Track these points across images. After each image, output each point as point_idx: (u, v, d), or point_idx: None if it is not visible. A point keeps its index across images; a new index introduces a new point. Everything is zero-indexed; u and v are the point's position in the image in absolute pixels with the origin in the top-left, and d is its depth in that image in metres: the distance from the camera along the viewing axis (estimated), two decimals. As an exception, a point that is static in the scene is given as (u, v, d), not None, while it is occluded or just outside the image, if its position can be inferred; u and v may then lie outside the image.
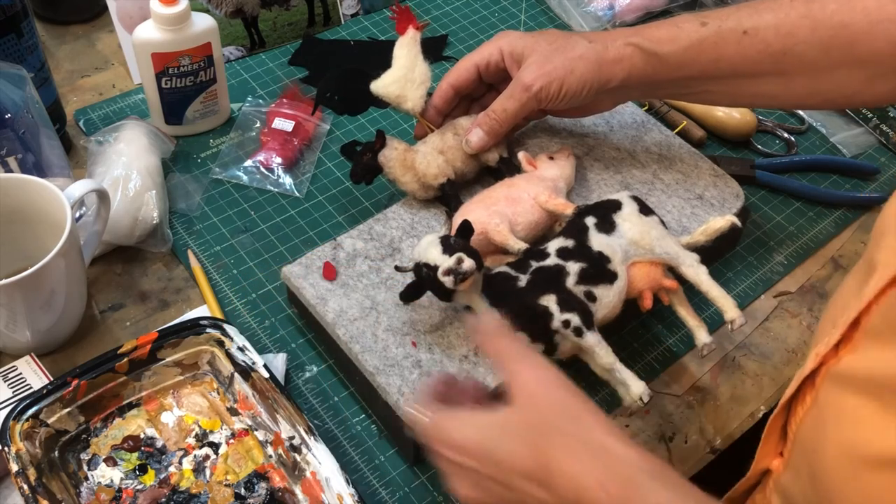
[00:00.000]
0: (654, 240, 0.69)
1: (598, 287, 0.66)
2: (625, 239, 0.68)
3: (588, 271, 0.66)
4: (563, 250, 0.68)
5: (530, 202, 0.74)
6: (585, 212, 0.71)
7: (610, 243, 0.68)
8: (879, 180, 0.96)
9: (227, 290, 0.79)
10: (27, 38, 0.81)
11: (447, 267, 0.62)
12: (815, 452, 0.53)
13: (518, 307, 0.65)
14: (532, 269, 0.67)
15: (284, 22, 1.03)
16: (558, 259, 0.67)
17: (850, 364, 0.52)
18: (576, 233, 0.69)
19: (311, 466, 0.65)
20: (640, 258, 0.69)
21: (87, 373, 0.66)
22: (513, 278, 0.66)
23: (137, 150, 0.82)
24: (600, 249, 0.67)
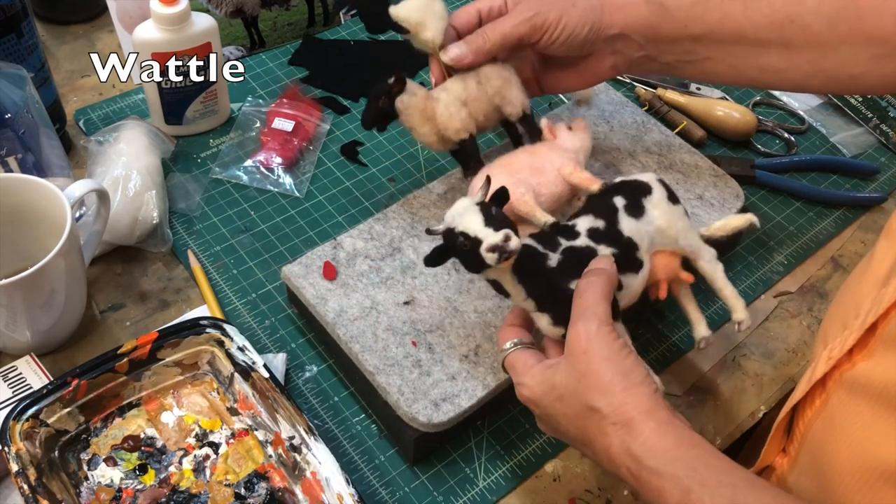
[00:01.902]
0: (680, 231, 0.67)
1: (626, 275, 0.64)
2: (652, 226, 0.66)
3: (619, 258, 0.63)
4: (594, 231, 0.64)
5: (554, 173, 0.71)
6: (614, 190, 0.67)
7: (639, 229, 0.65)
8: (879, 180, 0.96)
9: (227, 290, 0.79)
10: (27, 38, 0.81)
11: (493, 243, 0.58)
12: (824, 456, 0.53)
13: (548, 288, 0.62)
14: (562, 247, 0.63)
15: (284, 22, 1.03)
16: (589, 240, 0.64)
17: (865, 371, 0.51)
18: (606, 213, 0.66)
19: (311, 466, 0.65)
20: (662, 247, 0.67)
21: (87, 373, 0.66)
22: (542, 255, 0.62)
23: (137, 150, 0.82)
24: (630, 235, 0.65)
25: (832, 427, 0.53)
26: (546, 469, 0.70)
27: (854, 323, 0.53)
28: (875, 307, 0.51)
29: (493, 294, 0.72)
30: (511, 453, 0.71)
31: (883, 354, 0.50)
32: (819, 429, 0.55)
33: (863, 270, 0.58)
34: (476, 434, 0.72)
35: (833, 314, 0.59)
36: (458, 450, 0.71)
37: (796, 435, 0.58)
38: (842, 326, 0.55)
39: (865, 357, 0.52)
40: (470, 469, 0.70)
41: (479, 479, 0.69)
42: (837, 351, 0.54)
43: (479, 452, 0.71)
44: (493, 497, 0.68)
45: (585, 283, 0.58)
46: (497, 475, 0.70)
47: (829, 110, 1.03)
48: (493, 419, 0.73)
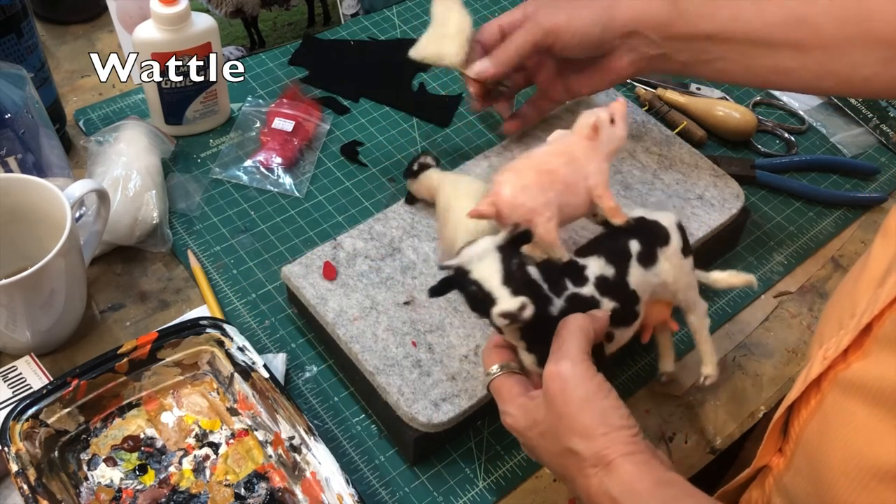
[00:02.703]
0: (683, 287, 0.66)
1: (620, 329, 0.63)
2: (658, 279, 0.64)
3: (618, 313, 0.62)
4: (602, 281, 0.62)
5: (584, 191, 0.64)
6: (633, 231, 0.64)
7: (645, 280, 0.64)
8: (879, 180, 0.96)
9: (227, 290, 0.79)
10: (27, 38, 0.81)
11: (508, 311, 0.56)
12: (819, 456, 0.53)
13: (545, 336, 0.59)
14: (568, 294, 0.60)
15: (284, 22, 1.03)
16: (596, 291, 0.62)
17: (860, 371, 0.51)
18: (618, 258, 0.63)
19: (311, 466, 0.65)
20: (660, 298, 0.67)
21: (87, 373, 0.66)
22: (545, 298, 0.59)
23: (137, 150, 0.82)
24: (636, 288, 0.63)
25: (827, 427, 0.53)
26: (546, 469, 0.70)
27: (850, 323, 0.53)
28: (870, 307, 0.51)
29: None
30: (511, 453, 0.71)
31: (877, 354, 0.50)
32: (814, 429, 0.55)
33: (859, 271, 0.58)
34: (476, 434, 0.72)
35: (829, 314, 0.59)
36: (458, 450, 0.71)
37: (791, 435, 0.58)
38: (837, 326, 0.55)
39: (860, 357, 0.52)
40: (470, 469, 0.70)
41: (479, 479, 0.69)
42: (833, 351, 0.54)
43: (479, 452, 0.71)
44: (493, 497, 0.68)
45: (563, 323, 0.58)
46: (497, 475, 0.70)
47: (829, 110, 1.03)
48: (493, 419, 0.72)
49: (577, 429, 0.54)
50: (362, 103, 0.98)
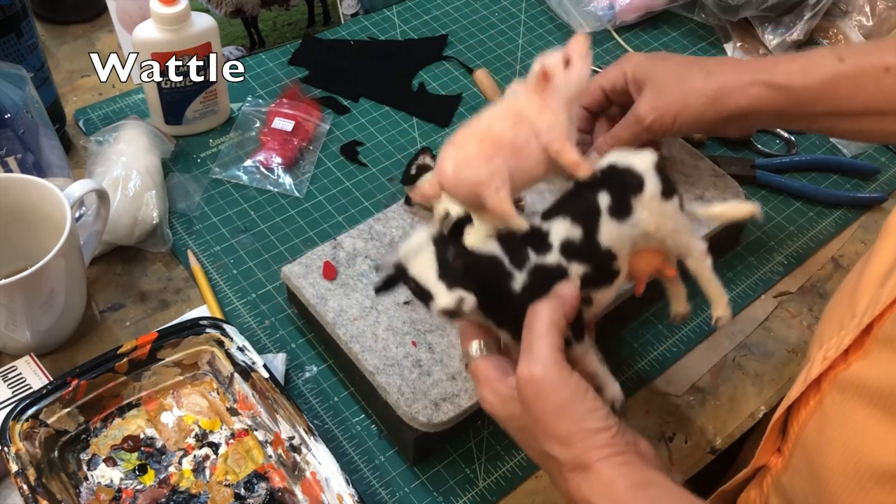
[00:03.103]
0: (669, 233, 0.60)
1: (598, 290, 0.59)
2: (637, 229, 0.59)
3: (591, 276, 0.58)
4: (568, 246, 0.57)
5: (537, 151, 0.58)
6: (600, 182, 0.59)
7: (620, 234, 0.58)
8: (879, 180, 0.96)
9: (226, 290, 0.79)
10: (27, 38, 0.81)
11: (445, 308, 0.54)
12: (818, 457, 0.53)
13: (511, 316, 0.56)
14: (531, 265, 0.56)
15: (284, 22, 1.03)
16: (561, 257, 0.57)
17: (859, 371, 0.51)
18: (585, 216, 0.58)
19: (310, 466, 0.65)
20: (646, 248, 0.61)
21: (86, 373, 0.66)
22: (506, 274, 0.56)
23: (137, 150, 0.82)
24: (609, 246, 0.58)
25: (826, 427, 0.53)
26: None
27: (850, 323, 0.53)
28: (871, 307, 0.51)
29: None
30: (511, 453, 0.71)
31: (877, 355, 0.50)
32: (813, 429, 0.55)
33: (860, 270, 0.58)
34: (476, 434, 0.72)
35: (829, 314, 0.59)
36: (458, 450, 0.71)
37: (790, 435, 0.58)
38: (838, 326, 0.55)
39: (860, 357, 0.52)
40: (470, 469, 0.70)
41: (479, 480, 0.69)
42: (833, 351, 0.53)
43: (479, 452, 0.71)
44: (493, 497, 0.68)
45: (532, 315, 0.55)
46: (497, 475, 0.70)
47: None
48: (493, 419, 0.72)
49: (553, 435, 0.53)
50: (362, 103, 0.98)
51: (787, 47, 1.04)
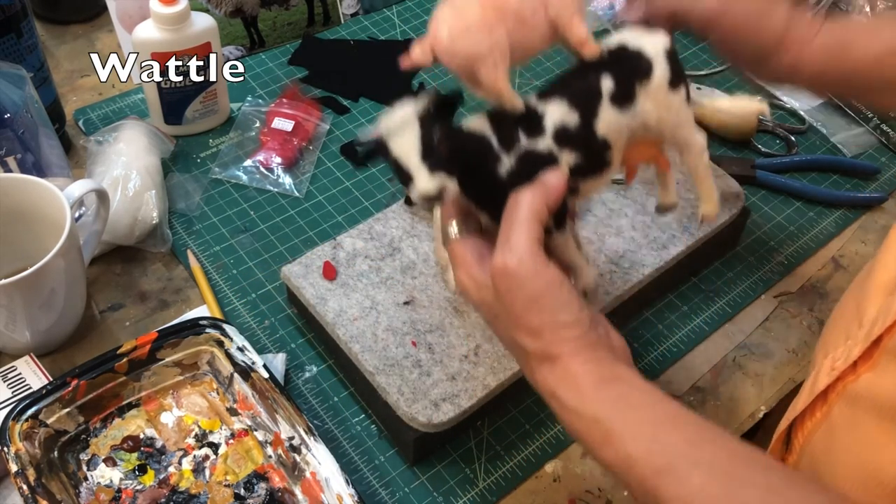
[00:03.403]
0: (670, 127, 0.57)
1: (587, 179, 0.56)
2: (638, 120, 0.55)
3: (582, 165, 0.54)
4: (562, 132, 0.54)
5: (544, 24, 0.54)
6: (606, 64, 0.55)
7: (619, 124, 0.55)
8: (879, 180, 0.96)
9: (226, 290, 0.79)
10: (27, 37, 0.81)
11: (425, 193, 0.51)
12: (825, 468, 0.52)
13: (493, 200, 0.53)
14: (520, 150, 0.53)
15: (284, 22, 1.03)
16: (553, 144, 0.54)
17: (869, 384, 0.50)
18: (585, 101, 0.54)
19: (310, 466, 0.65)
20: (643, 139, 0.58)
21: (86, 373, 0.66)
22: (493, 156, 0.53)
23: (137, 150, 0.82)
24: (605, 135, 0.54)
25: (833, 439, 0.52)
26: (546, 469, 0.70)
27: (858, 333, 0.52)
28: (882, 318, 0.50)
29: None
30: (511, 453, 0.71)
31: (888, 367, 0.49)
32: (819, 441, 0.54)
33: (865, 277, 0.57)
34: (476, 434, 0.72)
35: (835, 322, 0.58)
36: (458, 450, 0.71)
37: (794, 446, 0.58)
38: (844, 335, 0.54)
39: (869, 368, 0.51)
40: (470, 469, 0.70)
41: (479, 480, 0.69)
42: (841, 362, 0.53)
43: (479, 452, 0.71)
44: (493, 497, 0.68)
45: (513, 203, 0.53)
46: (497, 475, 0.70)
47: (829, 110, 1.02)
48: (493, 419, 0.72)
49: (523, 326, 0.52)
50: (362, 103, 0.98)
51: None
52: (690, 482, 0.45)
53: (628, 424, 0.49)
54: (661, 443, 0.47)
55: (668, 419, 0.49)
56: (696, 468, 0.46)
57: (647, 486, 0.47)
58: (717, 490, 0.45)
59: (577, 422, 0.50)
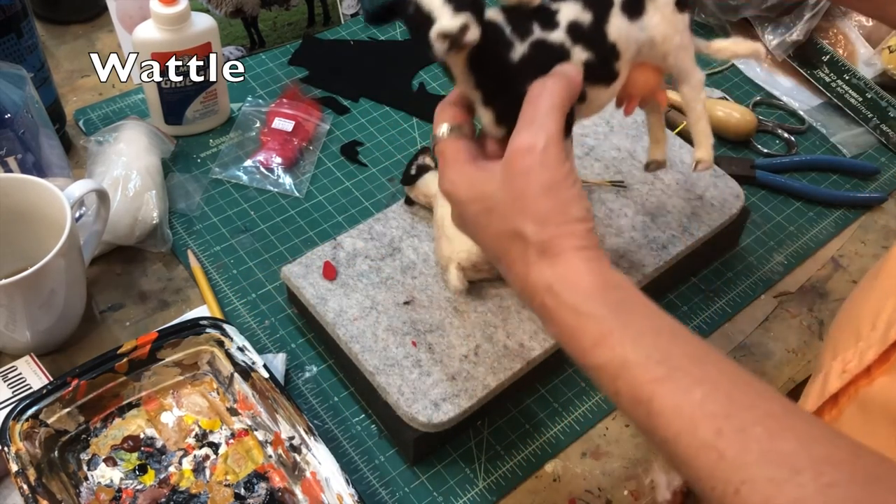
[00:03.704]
0: (674, 48, 0.58)
1: (595, 87, 0.56)
2: (645, 34, 0.57)
3: (592, 67, 0.55)
4: (575, 27, 0.54)
5: None
6: None
7: (628, 34, 0.56)
8: (879, 180, 0.96)
9: (226, 290, 0.79)
10: (27, 38, 0.81)
11: (446, 30, 0.49)
12: None
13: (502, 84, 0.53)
14: (533, 38, 0.53)
15: (284, 22, 1.03)
16: (567, 37, 0.54)
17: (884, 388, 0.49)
18: (597, 4, 0.55)
19: (310, 466, 0.65)
20: (647, 60, 0.59)
21: (86, 373, 0.66)
22: (506, 43, 0.53)
23: (137, 150, 0.82)
24: (615, 41, 0.55)
25: None
26: (546, 469, 0.70)
27: (871, 335, 0.51)
28: None
29: (494, 294, 0.72)
30: (511, 453, 0.71)
31: None
32: None
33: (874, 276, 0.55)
34: (476, 434, 0.72)
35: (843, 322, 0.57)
36: (458, 450, 0.71)
37: None
38: (854, 337, 0.52)
39: (885, 372, 0.49)
40: (470, 469, 0.70)
41: (479, 480, 0.69)
42: (854, 365, 0.51)
43: (479, 452, 0.71)
44: (493, 497, 0.68)
45: (540, 88, 0.51)
46: (497, 475, 0.70)
47: (829, 110, 1.03)
48: (493, 419, 0.73)
49: (531, 213, 0.50)
50: (362, 103, 0.98)
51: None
52: (691, 395, 0.44)
53: (629, 329, 0.47)
54: (662, 353, 0.46)
55: (671, 333, 0.48)
56: (697, 384, 0.45)
57: (641, 392, 0.45)
58: (716, 408, 0.43)
59: (572, 319, 0.48)
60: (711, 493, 0.43)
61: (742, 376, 0.46)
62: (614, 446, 0.72)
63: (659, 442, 0.45)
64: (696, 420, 0.43)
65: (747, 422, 0.43)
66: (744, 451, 0.42)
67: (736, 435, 0.42)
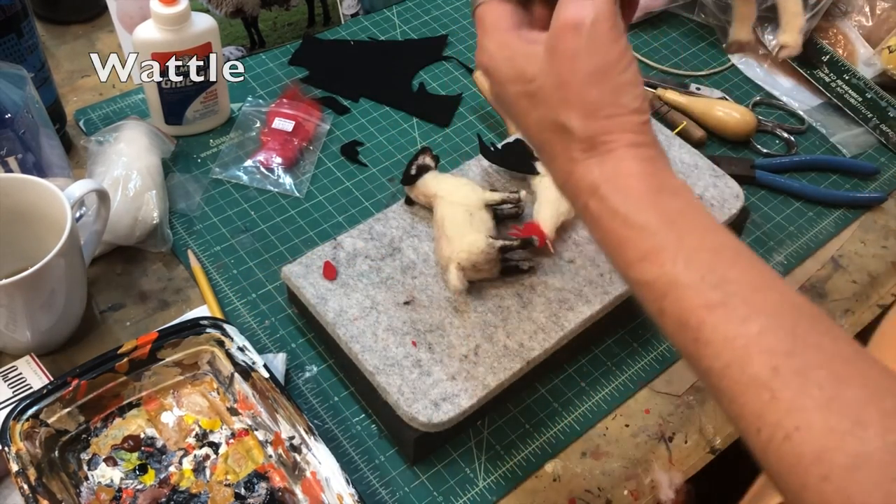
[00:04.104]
0: None
1: None
2: None
3: None
4: None
5: None
6: None
7: None
8: (879, 180, 0.96)
9: (227, 290, 0.79)
10: (27, 38, 0.81)
11: None
12: None
13: None
14: None
15: (284, 22, 1.03)
16: None
17: None
18: None
19: (311, 466, 0.65)
20: None
21: (87, 373, 0.66)
22: None
23: (137, 150, 0.82)
24: None
25: None
26: (546, 469, 0.71)
27: None
28: None
29: (494, 294, 0.72)
30: (511, 453, 0.71)
31: None
32: None
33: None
34: (476, 434, 0.72)
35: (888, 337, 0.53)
36: (458, 450, 0.71)
37: None
38: None
39: None
40: (470, 469, 0.70)
41: (479, 479, 0.69)
42: None
43: (479, 452, 0.71)
44: (493, 497, 0.68)
45: None
46: (497, 475, 0.70)
47: (829, 110, 1.03)
48: (493, 419, 0.73)
49: (577, 103, 0.44)
50: (362, 103, 0.98)
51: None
52: (747, 327, 0.39)
53: (684, 245, 0.42)
54: (719, 276, 0.41)
55: (732, 253, 0.42)
56: (756, 315, 0.40)
57: (690, 317, 0.41)
58: (775, 344, 0.39)
59: (619, 228, 0.43)
60: (756, 434, 0.39)
61: (809, 311, 0.41)
62: (614, 446, 0.72)
63: (702, 371, 0.41)
64: (750, 354, 0.39)
65: (810, 363, 0.38)
66: (802, 394, 0.38)
67: (795, 376, 0.38)
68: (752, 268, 0.42)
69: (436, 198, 0.75)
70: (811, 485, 0.37)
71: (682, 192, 0.44)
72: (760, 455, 0.39)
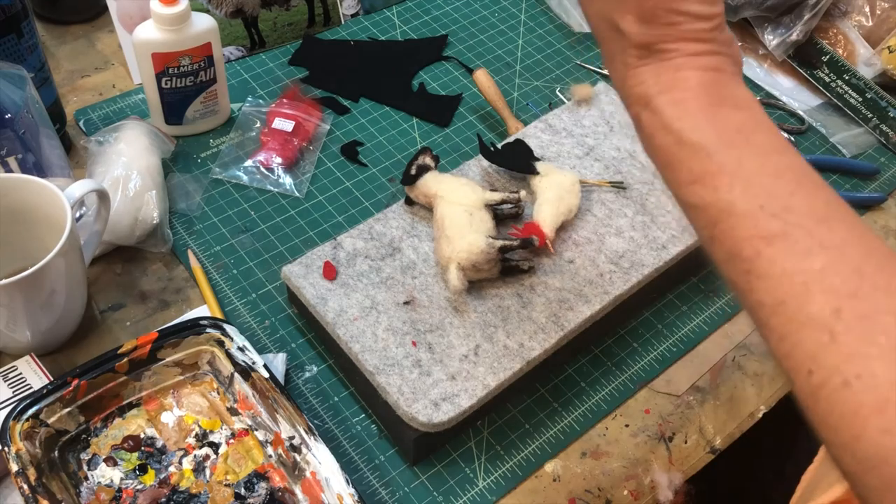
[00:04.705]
0: None
1: None
2: None
3: None
4: None
5: None
6: None
7: None
8: (879, 180, 0.96)
9: (227, 290, 0.79)
10: (27, 38, 0.81)
11: None
12: None
13: None
14: None
15: (284, 22, 1.03)
16: None
17: None
18: None
19: (311, 466, 0.65)
20: None
21: (87, 373, 0.66)
22: None
23: (137, 150, 0.82)
24: None
25: None
26: (546, 469, 0.71)
27: None
28: None
29: (494, 294, 0.72)
30: (511, 453, 0.71)
31: None
32: None
33: None
34: (476, 434, 0.72)
35: None
36: (458, 450, 0.71)
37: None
38: None
39: None
40: (470, 469, 0.70)
41: (479, 479, 0.69)
42: None
43: (479, 452, 0.71)
44: (493, 497, 0.68)
45: None
46: (497, 475, 0.70)
47: (829, 110, 1.03)
48: (493, 419, 0.73)
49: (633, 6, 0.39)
50: (362, 103, 0.98)
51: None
52: (808, 262, 0.36)
53: (743, 166, 0.38)
54: (780, 204, 0.37)
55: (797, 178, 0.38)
56: (820, 249, 0.36)
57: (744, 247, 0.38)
58: (840, 283, 0.35)
59: (672, 145, 0.39)
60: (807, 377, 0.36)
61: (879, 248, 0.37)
62: (614, 446, 0.72)
63: (751, 304, 0.38)
64: (809, 292, 0.36)
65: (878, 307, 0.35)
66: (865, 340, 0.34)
67: (859, 319, 0.35)
68: (817, 195, 0.38)
69: (436, 198, 0.75)
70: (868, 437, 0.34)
71: (747, 105, 0.40)
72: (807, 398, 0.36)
